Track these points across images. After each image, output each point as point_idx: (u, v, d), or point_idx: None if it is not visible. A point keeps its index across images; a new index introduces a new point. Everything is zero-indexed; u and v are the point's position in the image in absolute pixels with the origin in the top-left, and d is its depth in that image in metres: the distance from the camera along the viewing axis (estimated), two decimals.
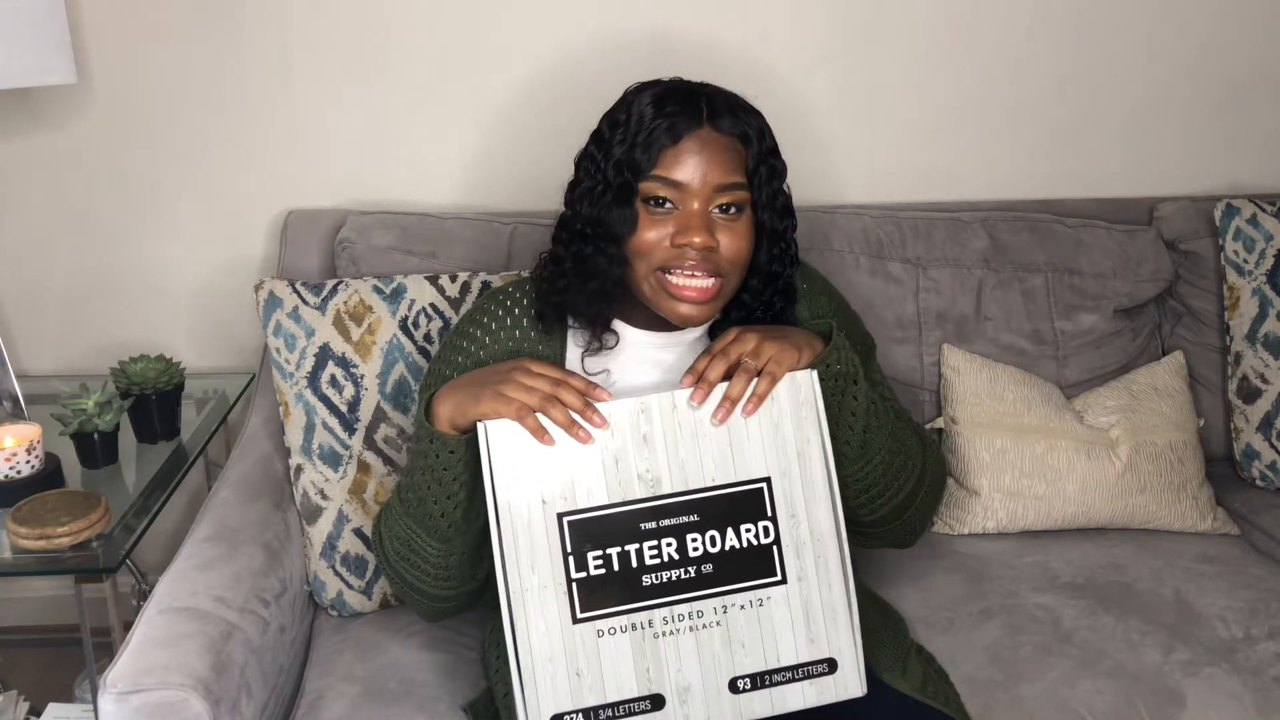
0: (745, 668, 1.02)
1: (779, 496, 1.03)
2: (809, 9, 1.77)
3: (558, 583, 1.00)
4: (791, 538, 1.03)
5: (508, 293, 1.23)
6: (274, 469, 1.50)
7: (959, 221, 1.74)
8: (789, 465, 1.04)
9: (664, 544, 1.01)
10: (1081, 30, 1.83)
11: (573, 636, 1.00)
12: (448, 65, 1.75)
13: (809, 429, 1.04)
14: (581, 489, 1.01)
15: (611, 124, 1.11)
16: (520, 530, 1.00)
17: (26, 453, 1.45)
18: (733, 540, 1.02)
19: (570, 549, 1.00)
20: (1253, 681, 1.32)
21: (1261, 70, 1.88)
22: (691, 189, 1.07)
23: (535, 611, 0.99)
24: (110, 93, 1.73)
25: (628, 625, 1.00)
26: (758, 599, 1.02)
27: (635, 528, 1.01)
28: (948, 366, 1.68)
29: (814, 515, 1.04)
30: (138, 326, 1.85)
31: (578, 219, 1.12)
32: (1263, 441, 1.73)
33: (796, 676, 1.02)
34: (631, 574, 1.00)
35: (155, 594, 1.24)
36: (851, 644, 1.03)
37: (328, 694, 1.29)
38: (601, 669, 1.00)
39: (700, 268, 1.08)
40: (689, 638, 1.01)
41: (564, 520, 1.00)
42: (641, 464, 1.02)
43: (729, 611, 1.02)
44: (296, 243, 1.67)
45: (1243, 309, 1.73)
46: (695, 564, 1.01)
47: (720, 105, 1.10)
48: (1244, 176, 1.93)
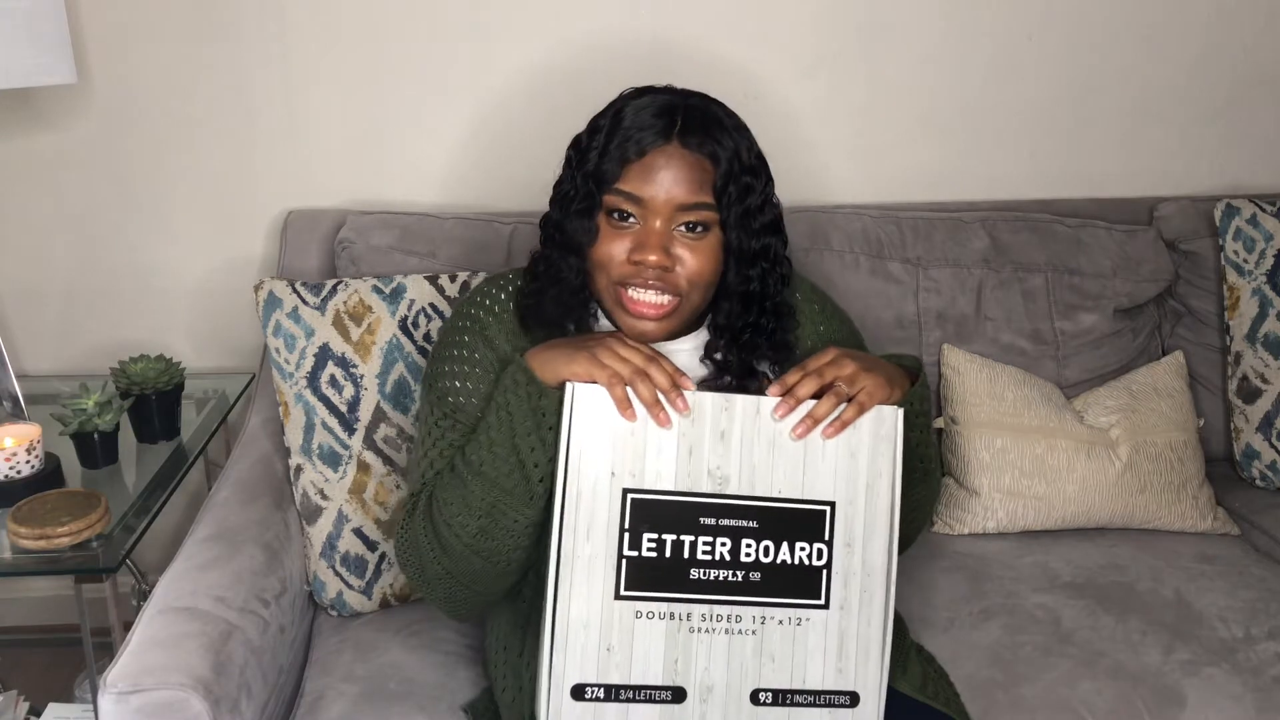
0: (770, 682, 1.02)
1: (839, 523, 1.03)
2: (808, 9, 1.77)
3: (609, 556, 1.00)
4: (843, 566, 1.03)
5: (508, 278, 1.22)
6: (274, 469, 1.50)
7: (959, 221, 1.74)
8: (856, 495, 1.04)
9: (719, 543, 1.01)
10: (1081, 31, 1.83)
11: (611, 611, 1.00)
12: (448, 65, 1.75)
13: (883, 464, 1.04)
14: (652, 470, 1.01)
15: (592, 130, 1.11)
16: (585, 496, 1.00)
17: (26, 453, 1.45)
18: (785, 555, 1.02)
19: (628, 525, 1.00)
20: (1253, 681, 1.32)
21: (1261, 70, 1.88)
22: (653, 206, 1.06)
23: (581, 578, 0.99)
24: (110, 93, 1.73)
25: (666, 613, 1.00)
26: (797, 618, 1.02)
27: (695, 520, 1.01)
28: (948, 366, 1.68)
29: (869, 548, 1.04)
30: (138, 326, 1.85)
31: (552, 224, 1.13)
32: (1263, 441, 1.73)
33: (818, 703, 1.02)
34: (681, 564, 1.01)
35: (155, 594, 1.24)
36: (878, 683, 1.03)
37: (328, 694, 1.29)
38: (632, 650, 1.00)
39: (656, 285, 1.07)
40: (722, 639, 1.01)
41: (629, 496, 1.01)
42: (714, 460, 1.02)
43: (766, 624, 1.02)
44: (296, 243, 1.67)
45: (1243, 309, 1.73)
46: (744, 569, 1.01)
47: (694, 122, 1.08)
48: (1244, 176, 1.93)
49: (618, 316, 1.10)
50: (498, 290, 1.21)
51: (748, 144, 1.11)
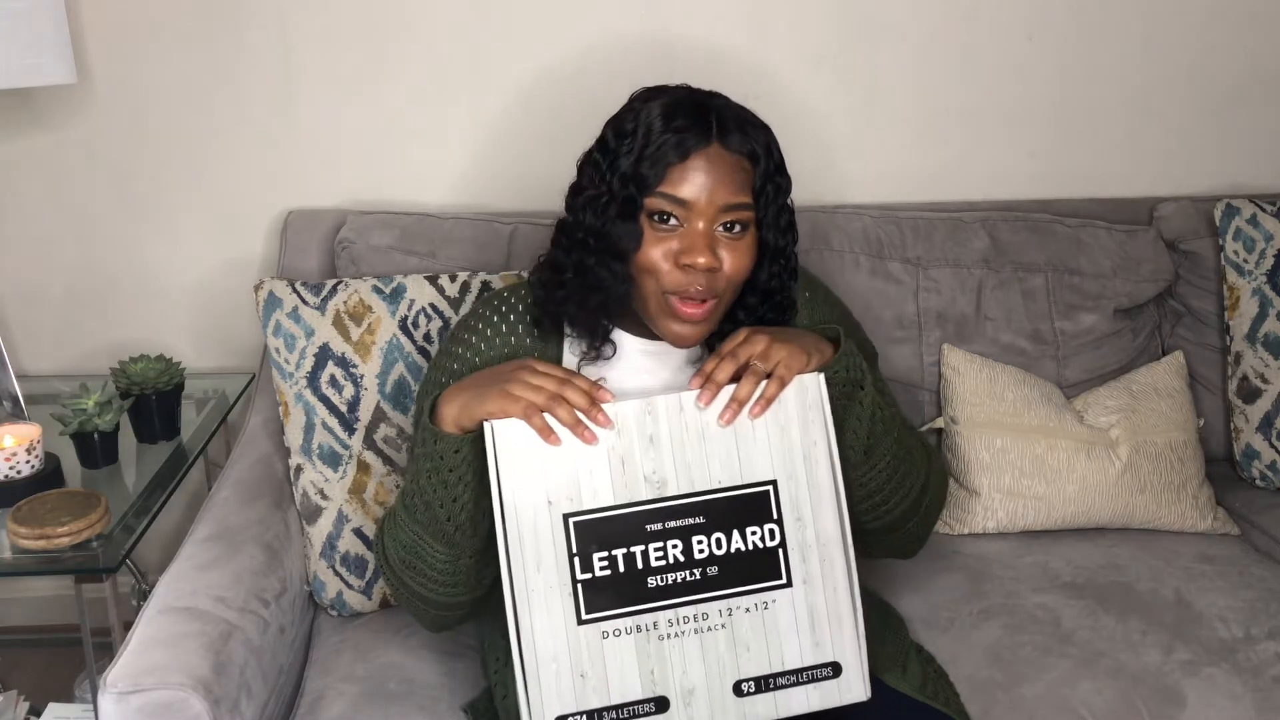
0: (749, 671, 1.01)
1: (785, 500, 1.03)
2: (809, 9, 1.77)
3: (563, 583, 0.99)
4: (797, 541, 1.03)
5: (503, 298, 1.23)
6: (274, 469, 1.50)
7: (959, 221, 1.74)
8: (795, 469, 1.04)
9: (669, 545, 1.01)
10: (1081, 31, 1.83)
11: (577, 638, 0.99)
12: (448, 65, 1.75)
13: (815, 432, 1.04)
14: (588, 490, 1.01)
15: (618, 133, 1.09)
16: (526, 530, 0.99)
17: (26, 453, 1.45)
18: (738, 543, 1.02)
19: (576, 550, 1.00)
20: (1253, 681, 1.32)
21: (1261, 70, 1.88)
22: (698, 208, 1.06)
23: (540, 612, 0.99)
24: (110, 93, 1.73)
25: (632, 627, 1.00)
26: (763, 602, 1.02)
27: (641, 529, 1.01)
28: (948, 366, 1.68)
29: (820, 519, 1.04)
30: (138, 326, 1.85)
31: (580, 227, 1.10)
32: (1263, 441, 1.73)
33: (800, 680, 1.02)
34: (637, 575, 1.00)
35: (155, 594, 1.24)
36: (856, 648, 1.03)
37: (328, 694, 1.29)
38: (606, 671, 0.99)
39: (701, 294, 1.07)
40: (694, 640, 1.01)
41: (570, 521, 1.00)
42: (648, 465, 1.02)
43: (734, 614, 1.01)
44: (296, 243, 1.67)
45: (1243, 309, 1.73)
46: (701, 566, 1.01)
47: (730, 122, 1.08)
48: (1244, 176, 1.93)
49: (663, 323, 1.10)
50: (491, 312, 1.21)
51: (775, 142, 1.12)
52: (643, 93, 1.13)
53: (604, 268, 1.09)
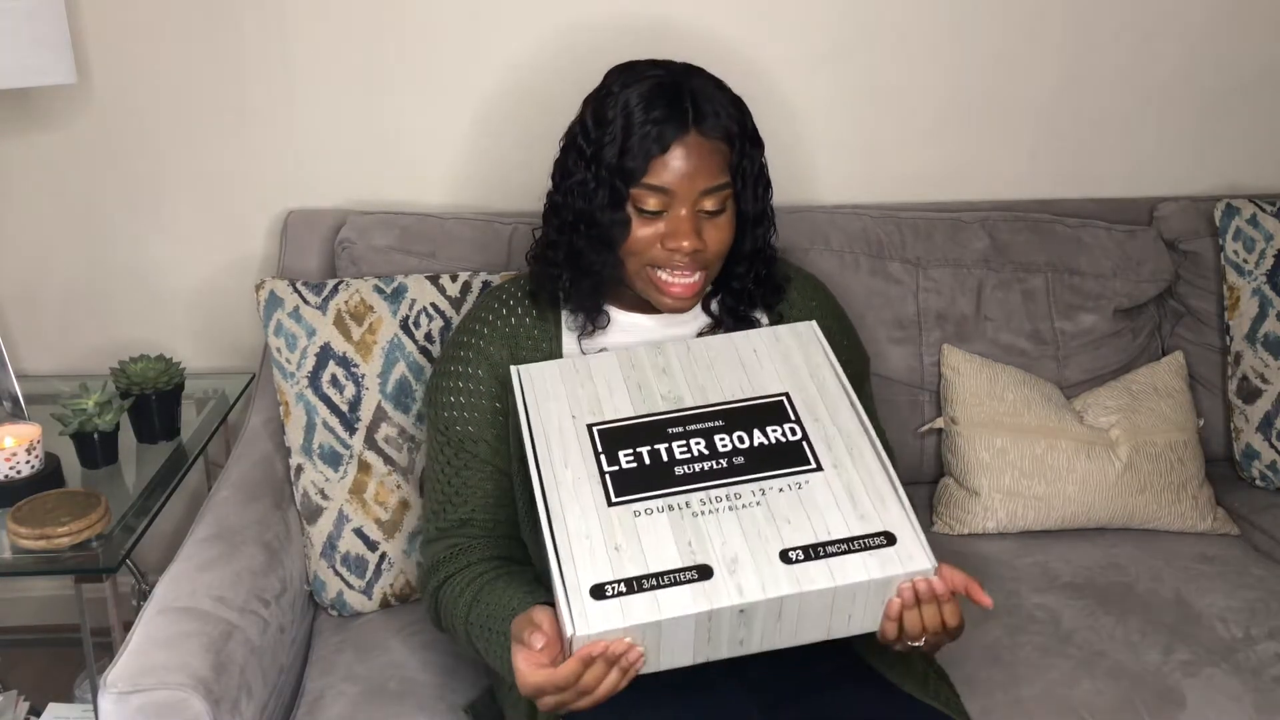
0: (794, 540, 0.96)
1: (799, 405, 1.06)
2: (810, 9, 1.77)
3: (591, 475, 1.01)
4: (820, 434, 1.04)
5: (504, 288, 1.27)
6: (274, 469, 1.50)
7: (959, 221, 1.74)
8: (804, 383, 1.08)
9: (693, 443, 1.03)
10: (1081, 30, 1.83)
11: (609, 517, 0.98)
12: (447, 65, 1.75)
13: (817, 358, 1.10)
14: (609, 406, 1.06)
15: (598, 120, 1.13)
16: (553, 436, 1.04)
17: (26, 453, 1.44)
18: (761, 438, 1.03)
19: (601, 449, 1.03)
20: (1253, 681, 1.32)
21: (1261, 70, 1.88)
22: (680, 195, 1.11)
23: (570, 499, 0.99)
24: (110, 93, 1.73)
25: (664, 506, 0.99)
26: (796, 483, 1.00)
27: (663, 431, 1.04)
28: (948, 366, 1.68)
29: (838, 418, 1.05)
30: (138, 326, 1.85)
31: (570, 210, 1.15)
32: (1263, 441, 1.73)
33: (853, 548, 0.96)
34: (663, 466, 1.01)
35: (155, 594, 1.24)
36: (906, 521, 0.98)
37: (328, 694, 1.29)
38: (641, 544, 0.96)
39: (688, 267, 1.13)
40: (730, 515, 0.98)
41: (594, 429, 1.04)
42: (663, 387, 1.08)
43: (768, 494, 0.99)
44: (296, 243, 1.67)
45: (1243, 309, 1.73)
46: (726, 457, 1.02)
47: (705, 105, 1.11)
48: (1244, 176, 1.93)
49: (651, 296, 1.16)
50: (494, 301, 1.24)
51: (746, 114, 1.16)
52: (619, 74, 1.15)
53: (594, 253, 1.14)
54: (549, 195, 1.20)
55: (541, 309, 1.23)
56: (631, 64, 1.16)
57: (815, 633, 0.98)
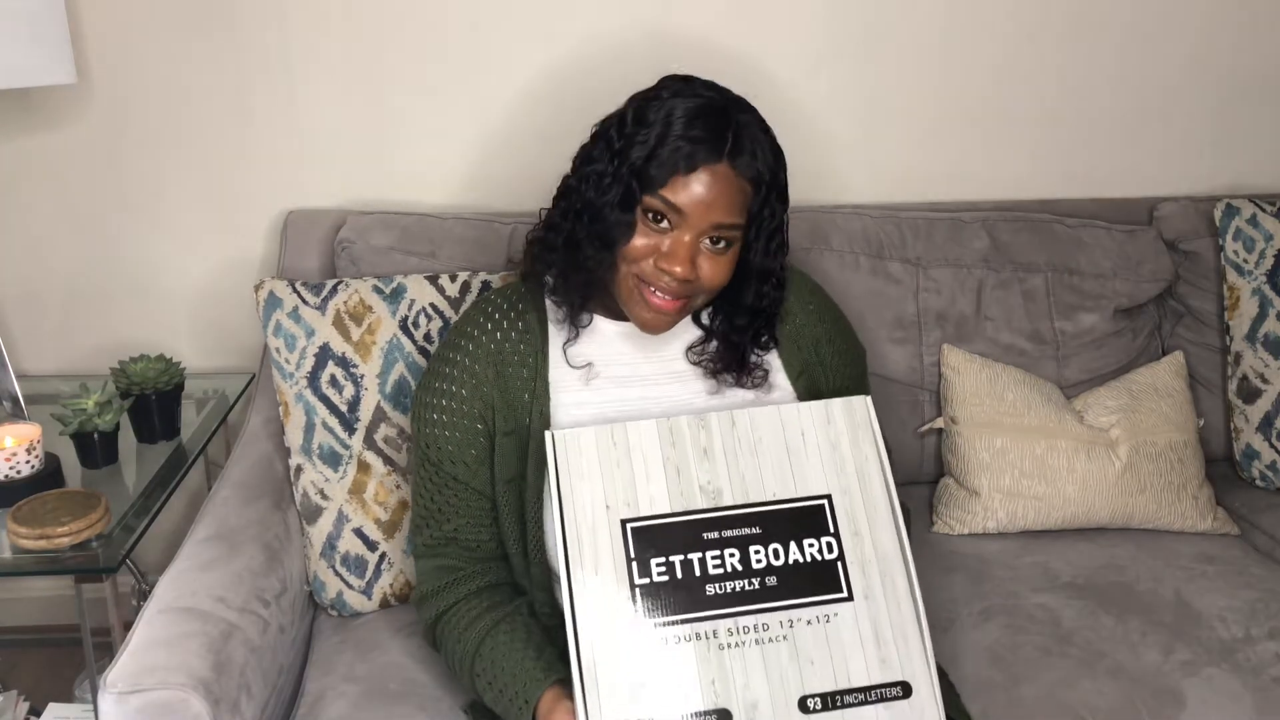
0: (815, 686, 0.98)
1: (840, 513, 1.03)
2: (810, 9, 1.77)
3: (621, 585, 0.99)
4: (856, 555, 1.01)
5: (490, 300, 1.25)
6: (274, 469, 1.50)
7: (959, 221, 1.74)
8: (849, 484, 1.04)
9: (727, 554, 1.00)
10: (1081, 31, 1.83)
11: (636, 643, 0.98)
12: (447, 65, 1.75)
13: (866, 449, 1.06)
14: (644, 497, 1.02)
15: (638, 118, 1.10)
16: (585, 535, 1.01)
17: (26, 453, 1.44)
18: (796, 554, 1.01)
19: (634, 555, 1.00)
20: (1253, 681, 1.32)
21: (1261, 70, 1.88)
22: (691, 220, 1.08)
23: (599, 616, 0.98)
24: (110, 93, 1.73)
25: (691, 635, 0.98)
26: (824, 615, 1.00)
27: (698, 537, 1.01)
28: (948, 366, 1.68)
29: (877, 534, 1.03)
30: (138, 326, 1.85)
31: (580, 197, 1.13)
32: (1263, 441, 1.73)
33: (869, 699, 0.98)
34: (695, 582, 0.99)
35: (155, 594, 1.24)
36: (925, 669, 0.99)
37: (328, 694, 1.29)
38: (665, 680, 0.97)
39: (673, 292, 1.10)
40: (755, 651, 0.98)
41: (627, 526, 1.01)
42: (703, 476, 1.03)
43: (795, 626, 0.99)
44: (296, 243, 1.67)
45: (1243, 309, 1.73)
46: (759, 575, 1.00)
47: (745, 141, 1.09)
48: (1244, 176, 1.93)
49: (632, 306, 1.13)
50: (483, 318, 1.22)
51: (783, 167, 1.13)
52: (674, 82, 1.13)
53: (591, 248, 1.12)
54: (565, 177, 1.18)
55: (528, 321, 1.20)
56: (689, 77, 1.13)
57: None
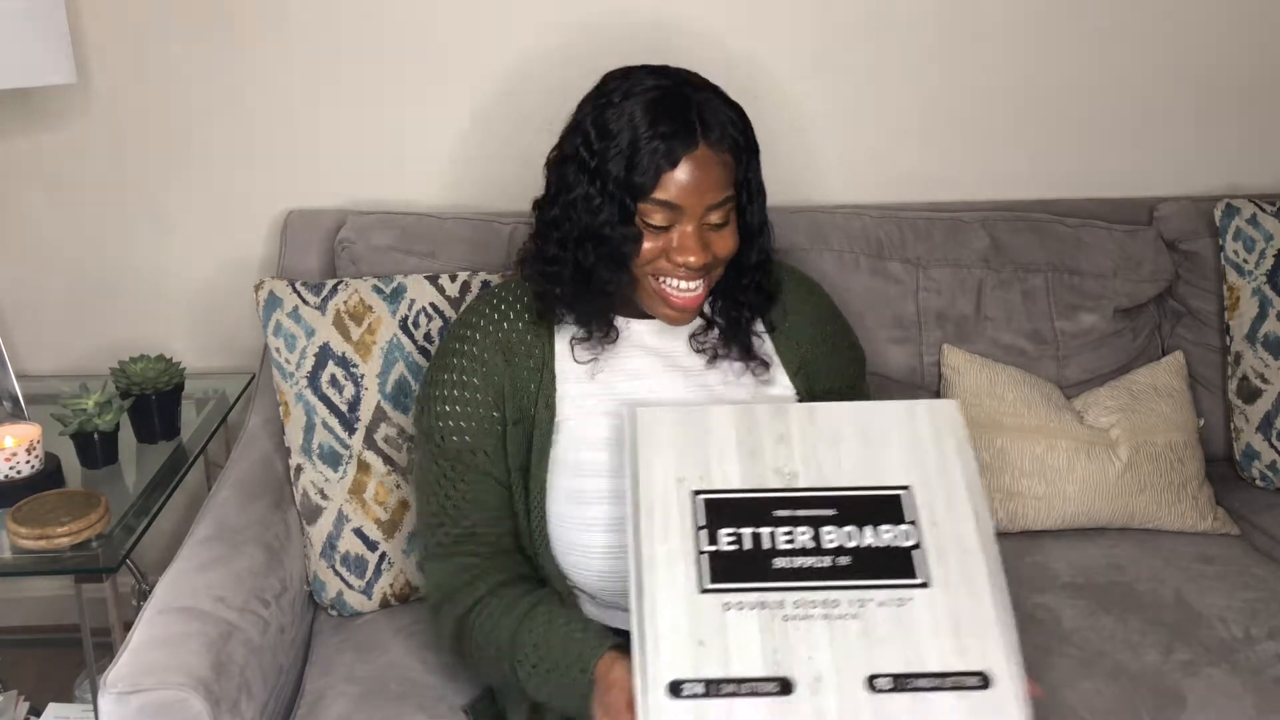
0: (885, 666, 0.91)
1: (920, 504, 0.99)
2: (809, 8, 1.77)
3: (687, 553, 0.96)
4: (934, 544, 0.97)
5: (494, 293, 1.25)
6: (274, 469, 1.50)
7: (959, 221, 1.74)
8: (929, 477, 1.00)
9: (798, 531, 0.97)
10: (1082, 31, 1.83)
11: (698, 606, 0.94)
12: (447, 65, 1.75)
13: (949, 447, 1.02)
14: (718, 473, 1.01)
15: (601, 132, 1.09)
16: (657, 503, 0.99)
17: (26, 453, 1.44)
18: (871, 539, 0.97)
19: (703, 523, 0.98)
20: (1253, 681, 1.32)
21: (1261, 70, 1.88)
22: (689, 210, 1.08)
23: (663, 579, 0.95)
24: (110, 93, 1.73)
25: (756, 603, 0.94)
26: (898, 598, 0.94)
27: (769, 514, 0.98)
28: (948, 366, 1.68)
29: (958, 527, 0.98)
30: (138, 326, 1.85)
31: (575, 226, 1.11)
32: (1263, 441, 1.73)
33: (944, 685, 0.90)
34: (762, 555, 0.96)
35: (155, 594, 1.24)
36: (1006, 663, 0.91)
37: (328, 694, 1.29)
38: (726, 643, 0.92)
39: (693, 277, 1.11)
40: (822, 625, 0.93)
41: (699, 497, 0.99)
42: (778, 460, 1.02)
43: (866, 606, 0.94)
44: (296, 243, 1.67)
45: (1243, 309, 1.73)
46: (830, 555, 0.96)
47: (710, 118, 1.09)
48: (1244, 176, 1.93)
49: (657, 307, 1.14)
50: (489, 309, 1.22)
51: (747, 122, 1.13)
52: (617, 81, 1.12)
53: (606, 270, 1.11)
54: (542, 207, 1.17)
55: (533, 312, 1.20)
56: (628, 71, 1.13)
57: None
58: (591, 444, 1.15)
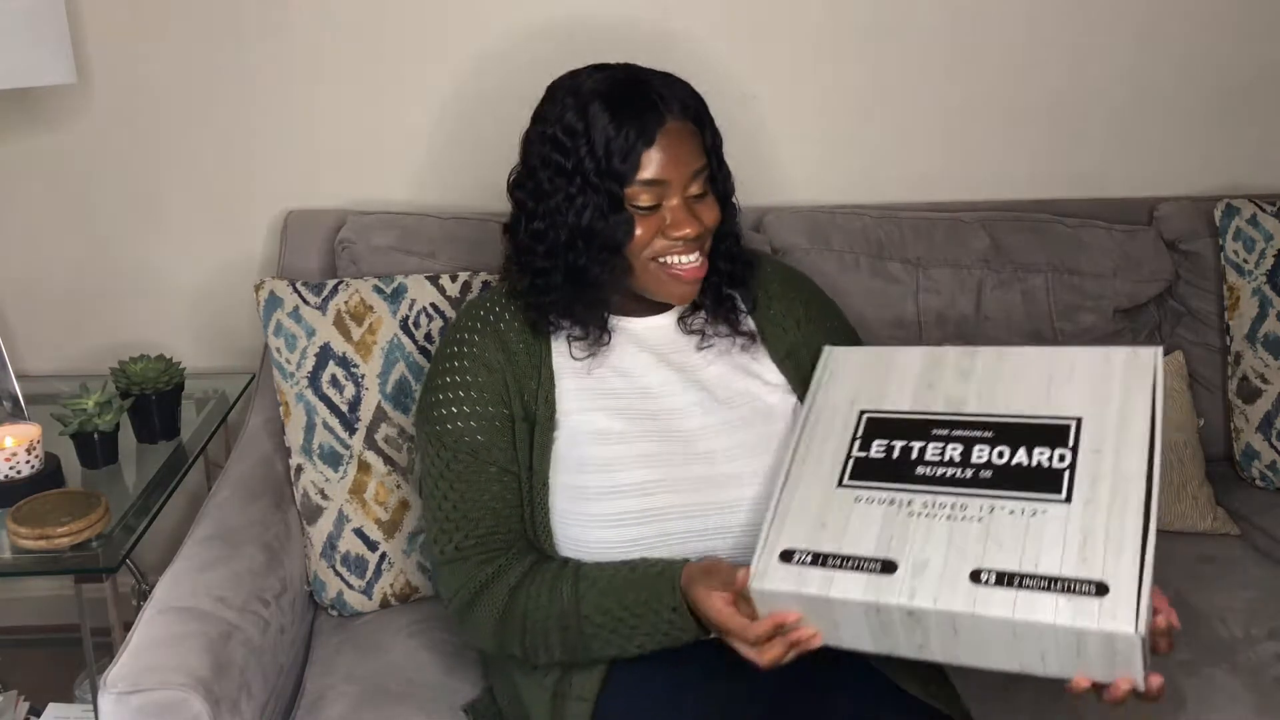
0: (994, 564, 0.90)
1: (1087, 433, 0.96)
2: (809, 9, 1.77)
3: (839, 455, 1.03)
4: (1090, 469, 0.93)
5: (485, 295, 1.25)
6: (274, 469, 1.50)
7: (959, 221, 1.74)
8: (1107, 412, 0.97)
9: (949, 447, 1.00)
10: (1081, 30, 1.83)
11: (831, 495, 1.00)
12: (448, 65, 1.75)
13: (1137, 393, 0.97)
14: (891, 399, 1.06)
15: (569, 131, 1.10)
16: (824, 418, 1.07)
17: (26, 453, 1.44)
18: (1022, 458, 0.96)
19: (860, 434, 1.04)
20: (1253, 681, 1.32)
21: (1261, 70, 1.88)
22: (673, 183, 1.10)
23: (809, 471, 1.03)
24: (110, 93, 1.73)
25: (886, 500, 0.98)
26: (1031, 509, 0.92)
27: (927, 432, 1.02)
28: None
29: (1123, 456, 0.93)
30: (138, 326, 1.85)
31: (561, 230, 1.12)
32: (1263, 441, 1.73)
33: (1054, 588, 0.87)
34: (908, 463, 1.00)
35: (155, 594, 1.24)
36: (1135, 579, 0.85)
37: (328, 694, 1.29)
38: (846, 526, 0.97)
39: (690, 250, 1.13)
40: (944, 524, 0.94)
41: (864, 415, 1.06)
42: (954, 390, 1.04)
43: (995, 513, 0.93)
44: (296, 243, 1.67)
45: (1243, 309, 1.73)
46: (975, 468, 0.97)
47: (668, 93, 1.11)
48: (1244, 176, 1.93)
49: (660, 288, 1.14)
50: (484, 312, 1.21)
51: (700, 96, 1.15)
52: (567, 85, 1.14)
53: (597, 264, 1.12)
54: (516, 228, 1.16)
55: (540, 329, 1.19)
56: (573, 73, 1.15)
57: (1004, 661, 0.91)
58: (590, 439, 1.15)
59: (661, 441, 1.15)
